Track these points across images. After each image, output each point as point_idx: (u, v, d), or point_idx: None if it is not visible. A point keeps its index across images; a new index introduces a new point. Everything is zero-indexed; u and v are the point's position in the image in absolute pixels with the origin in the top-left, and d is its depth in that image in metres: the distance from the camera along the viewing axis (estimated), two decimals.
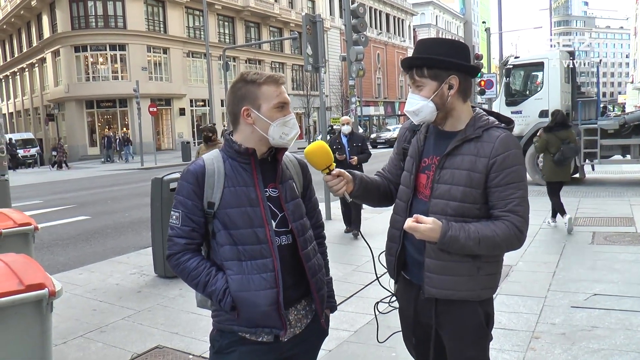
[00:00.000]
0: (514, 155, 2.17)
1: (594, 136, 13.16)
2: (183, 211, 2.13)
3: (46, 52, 41.47)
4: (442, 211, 2.19)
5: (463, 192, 2.18)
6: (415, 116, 2.27)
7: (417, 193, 2.33)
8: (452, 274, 2.22)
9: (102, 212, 12.57)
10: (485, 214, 2.21)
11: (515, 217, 2.14)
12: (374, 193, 2.46)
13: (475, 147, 2.19)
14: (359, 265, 6.66)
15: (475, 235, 2.12)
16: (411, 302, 2.41)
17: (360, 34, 11.03)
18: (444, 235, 2.10)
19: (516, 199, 2.15)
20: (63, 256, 8.33)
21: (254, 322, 2.12)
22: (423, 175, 2.31)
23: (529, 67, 14.43)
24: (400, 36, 71.74)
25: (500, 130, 2.22)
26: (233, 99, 2.17)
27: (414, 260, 2.34)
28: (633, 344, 4.20)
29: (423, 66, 2.22)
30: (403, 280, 2.46)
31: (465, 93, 2.26)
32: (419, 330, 2.43)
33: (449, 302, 2.27)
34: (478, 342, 2.33)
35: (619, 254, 6.87)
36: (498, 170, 2.14)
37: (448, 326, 2.32)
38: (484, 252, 2.19)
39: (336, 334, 4.58)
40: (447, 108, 2.22)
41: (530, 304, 5.18)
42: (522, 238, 2.17)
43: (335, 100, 53.00)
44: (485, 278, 2.26)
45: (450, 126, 2.28)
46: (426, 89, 2.21)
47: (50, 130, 43.65)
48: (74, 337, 4.77)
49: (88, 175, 25.50)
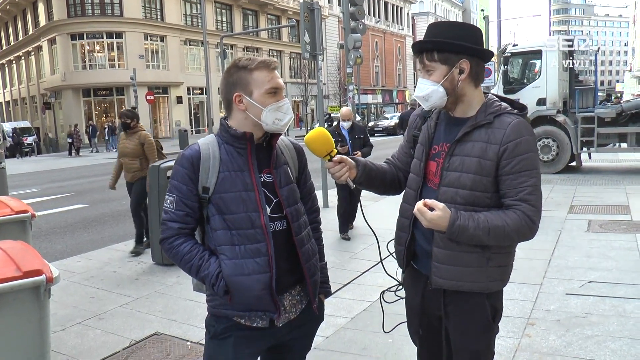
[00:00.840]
0: (527, 142, 2.09)
1: (591, 124, 13.18)
2: (177, 196, 2.13)
3: (42, 40, 41.24)
4: (451, 199, 2.12)
5: (473, 179, 2.11)
6: (425, 101, 2.21)
7: (427, 181, 2.28)
8: (460, 264, 2.16)
9: (99, 200, 12.57)
10: (496, 203, 2.13)
11: (527, 207, 2.06)
12: (380, 180, 2.40)
13: (486, 134, 2.12)
14: (355, 253, 6.69)
15: (485, 225, 2.05)
16: (419, 292, 2.36)
17: (358, 22, 10.98)
18: (452, 224, 2.04)
19: (528, 187, 2.07)
20: (61, 244, 8.35)
21: (248, 306, 2.13)
22: (433, 163, 2.25)
23: (527, 55, 14.40)
24: (399, 24, 71.43)
25: (513, 117, 2.14)
26: (226, 86, 2.17)
27: (423, 250, 2.29)
28: (626, 330, 4.24)
29: (433, 50, 2.15)
30: (411, 270, 2.41)
31: (477, 78, 2.19)
32: (426, 321, 2.39)
33: (456, 294, 2.22)
34: (483, 336, 2.28)
35: (614, 241, 6.91)
36: (509, 158, 2.07)
37: (453, 318, 2.28)
38: (494, 243, 2.12)
39: (333, 321, 4.62)
40: (457, 93, 2.16)
41: (525, 291, 5.21)
42: (534, 228, 2.10)
43: (333, 89, 52.84)
44: (494, 270, 2.19)
45: (461, 112, 2.21)
46: (436, 74, 2.15)
47: (47, 119, 43.52)
48: (72, 324, 4.80)
49: (86, 163, 25.46)
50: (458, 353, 2.33)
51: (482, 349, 2.31)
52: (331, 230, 7.75)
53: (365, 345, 4.17)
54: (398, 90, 70.21)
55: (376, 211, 6.44)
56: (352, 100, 11.51)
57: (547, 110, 13.49)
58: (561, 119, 13.43)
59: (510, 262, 2.29)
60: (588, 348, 3.96)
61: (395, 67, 70.06)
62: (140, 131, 7.13)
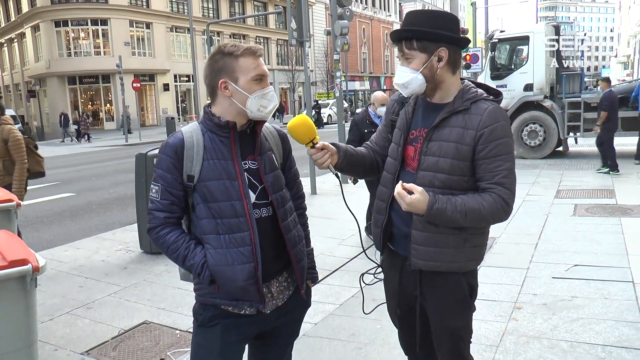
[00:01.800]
0: (502, 128, 2.17)
1: (578, 109, 13.26)
2: (162, 185, 2.13)
3: (25, 27, 40.64)
4: (429, 183, 2.18)
5: (451, 164, 2.17)
6: (405, 89, 2.26)
7: (405, 165, 2.33)
8: (438, 245, 2.22)
9: (86, 189, 12.49)
10: (472, 186, 2.21)
11: (502, 190, 2.14)
12: (360, 165, 2.45)
13: (463, 120, 2.18)
14: (343, 239, 6.71)
15: (462, 208, 2.12)
16: (396, 273, 2.43)
17: (345, 8, 10.91)
18: (430, 208, 2.10)
19: (503, 171, 2.15)
20: (48, 233, 8.29)
21: (233, 296, 2.14)
22: (411, 148, 2.31)
23: (514, 41, 14.43)
24: (386, 11, 71.19)
25: (489, 103, 2.21)
26: (211, 72, 2.15)
27: (400, 231, 2.35)
28: (610, 312, 4.30)
29: (412, 38, 2.19)
30: (388, 251, 2.47)
31: (455, 65, 2.24)
32: (404, 301, 2.45)
33: (434, 274, 2.28)
34: (461, 313, 2.35)
35: (599, 225, 6.98)
36: (485, 143, 2.14)
37: (432, 297, 2.34)
38: (471, 225, 2.19)
39: (322, 307, 4.64)
40: (436, 80, 2.21)
41: (512, 275, 5.26)
42: (508, 210, 2.18)
43: (321, 75, 52.71)
44: (470, 250, 2.27)
45: (439, 98, 2.27)
46: (415, 62, 2.20)
47: (32, 107, 43.04)
48: (60, 314, 4.78)
49: (71, 151, 25.24)
50: (437, 332, 2.39)
51: (461, 326, 2.38)
52: (319, 217, 7.76)
53: (354, 332, 4.19)
54: (386, 77, 70.06)
55: (364, 198, 6.45)
56: (339, 87, 11.47)
57: (534, 96, 13.56)
58: (548, 104, 13.50)
59: (485, 242, 2.37)
60: (574, 330, 4.02)
61: (382, 53, 69.89)
62: (4, 125, 5.51)
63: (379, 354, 3.83)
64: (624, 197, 8.55)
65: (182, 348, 4.01)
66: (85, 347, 4.11)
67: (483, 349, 3.80)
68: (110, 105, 40.23)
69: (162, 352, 3.99)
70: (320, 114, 35.28)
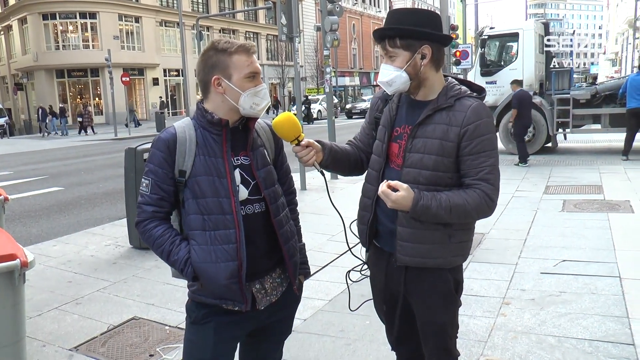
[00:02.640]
0: (486, 124, 2.19)
1: (567, 106, 13.35)
2: (153, 179, 2.12)
3: (12, 19, 40.27)
4: (414, 180, 2.20)
5: (435, 160, 2.19)
6: (389, 87, 2.26)
7: (389, 162, 2.34)
8: (424, 242, 2.24)
9: (75, 183, 12.41)
10: (457, 183, 2.22)
11: (486, 185, 2.16)
12: (344, 162, 2.46)
13: (447, 116, 2.19)
14: (333, 235, 6.71)
15: (447, 204, 2.13)
16: (382, 269, 2.44)
17: (335, 4, 10.90)
18: (415, 204, 2.11)
19: (487, 167, 2.17)
20: (36, 228, 8.23)
21: (217, 294, 2.14)
22: (395, 145, 2.32)
23: (504, 37, 14.49)
24: (376, 7, 71.12)
25: (472, 100, 2.23)
26: (204, 68, 2.14)
27: (385, 228, 2.36)
28: (597, 307, 4.34)
29: (395, 36, 2.20)
30: (374, 248, 2.48)
31: (438, 63, 2.25)
32: (390, 297, 2.46)
33: (419, 270, 2.30)
34: (447, 309, 2.36)
35: (587, 220, 7.04)
36: (470, 139, 2.16)
37: (418, 293, 2.35)
38: (456, 220, 2.21)
39: (311, 303, 4.64)
40: (420, 78, 2.22)
41: (501, 270, 5.30)
42: (492, 206, 2.20)
43: (311, 71, 52.61)
44: (456, 245, 2.29)
45: (423, 95, 2.28)
46: (399, 59, 2.20)
47: (19, 100, 42.67)
48: (48, 309, 4.76)
49: (60, 145, 25.07)
50: (423, 327, 2.41)
51: (447, 321, 2.39)
52: (309, 213, 7.76)
53: (343, 327, 4.20)
54: (375, 73, 69.73)
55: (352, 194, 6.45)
56: (329, 83, 11.46)
57: None
58: (537, 101, 13.56)
59: (470, 238, 2.38)
60: (561, 325, 4.05)
61: (372, 49, 69.77)
62: None
63: (367, 349, 3.84)
64: (611, 193, 8.62)
65: (172, 344, 3.99)
66: (74, 343, 4.09)
67: (471, 344, 3.82)
68: (99, 99, 39.94)
69: (151, 347, 3.98)
70: (310, 110, 35.28)
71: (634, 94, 11.89)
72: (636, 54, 43.25)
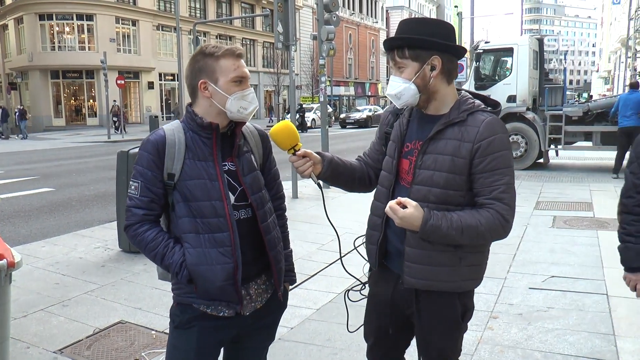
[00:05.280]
0: (500, 140, 2.07)
1: (559, 122, 13.44)
2: (142, 182, 2.11)
3: (8, 18, 40.14)
4: (424, 198, 2.10)
5: (446, 178, 2.09)
6: (397, 99, 2.17)
7: (400, 179, 2.25)
8: (432, 263, 2.14)
9: (66, 185, 12.34)
10: (469, 202, 2.12)
11: (500, 205, 2.04)
12: (347, 176, 2.38)
13: (459, 131, 2.09)
14: (323, 244, 6.71)
15: (458, 225, 2.02)
16: (388, 291, 2.33)
17: (332, 14, 10.94)
18: (425, 224, 2.01)
19: (502, 185, 2.05)
20: (25, 228, 8.18)
21: (211, 296, 2.13)
22: (405, 161, 2.22)
23: (499, 52, 14.58)
24: (373, 17, 71.51)
25: (486, 114, 2.12)
26: (191, 72, 2.15)
27: (395, 248, 2.26)
28: (584, 324, 4.36)
29: (404, 46, 2.12)
30: (381, 268, 2.37)
31: (450, 75, 2.16)
32: (397, 319, 2.36)
33: (427, 292, 2.21)
34: (451, 335, 2.29)
35: (577, 237, 7.07)
36: (483, 156, 2.05)
37: (423, 315, 2.26)
38: (467, 242, 2.10)
39: (298, 312, 4.63)
40: (429, 90, 2.13)
41: (490, 284, 5.30)
42: (507, 227, 2.07)
43: (306, 79, 52.75)
44: (467, 269, 2.18)
45: (434, 109, 2.18)
46: (407, 71, 2.12)
47: (12, 99, 42.48)
48: (34, 311, 4.72)
49: (52, 146, 24.95)
50: (424, 350, 2.35)
51: (450, 347, 2.32)
52: (300, 221, 7.75)
53: (330, 337, 4.19)
54: (371, 83, 70.39)
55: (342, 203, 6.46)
56: (324, 92, 11.49)
57: (517, 107, 13.70)
58: (530, 116, 13.66)
59: (484, 261, 2.28)
60: (548, 341, 4.06)
61: (368, 59, 70.18)
62: None
63: (353, 359, 3.84)
64: (601, 211, 8.67)
65: (158, 349, 3.97)
66: (58, 346, 4.06)
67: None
68: (94, 101, 39.82)
69: (137, 352, 3.95)
70: (304, 118, 35.32)
71: (626, 112, 12.02)
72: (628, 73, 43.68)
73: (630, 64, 45.68)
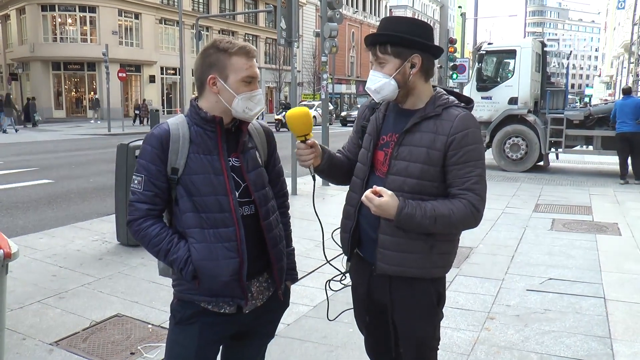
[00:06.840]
0: (473, 134, 2.17)
1: (560, 126, 13.43)
2: (146, 176, 2.07)
3: (10, 8, 40.12)
4: (399, 188, 2.17)
5: (421, 169, 2.17)
6: (377, 94, 2.25)
7: (375, 170, 2.32)
8: (404, 250, 2.21)
9: (65, 177, 12.33)
10: (442, 192, 2.20)
11: (472, 196, 2.14)
12: (339, 171, 2.47)
13: (434, 125, 2.18)
14: (321, 241, 6.68)
15: (432, 214, 2.11)
16: (365, 279, 2.41)
17: (336, 11, 10.93)
18: (400, 212, 2.09)
19: (474, 177, 2.15)
20: (23, 219, 8.17)
21: (215, 291, 2.11)
22: (381, 153, 2.30)
23: (501, 54, 14.57)
24: (376, 16, 71.43)
25: (460, 109, 2.22)
26: (202, 65, 2.12)
27: (368, 237, 2.33)
28: (581, 327, 4.36)
29: (387, 43, 2.19)
30: (356, 257, 2.45)
31: (427, 73, 2.25)
32: (373, 307, 2.44)
33: (402, 280, 2.27)
34: (428, 320, 2.35)
35: (575, 240, 7.07)
36: (456, 148, 2.14)
37: (399, 304, 2.33)
38: (440, 231, 2.18)
39: (296, 309, 4.62)
40: (408, 86, 2.21)
41: (487, 285, 5.30)
42: (478, 217, 2.17)
43: (308, 76, 52.74)
44: (438, 257, 2.26)
45: (411, 104, 2.27)
46: (388, 66, 2.20)
47: (13, 90, 42.41)
48: (31, 302, 4.71)
49: (53, 138, 24.92)
50: (404, 339, 2.39)
51: (428, 334, 2.38)
52: (298, 218, 7.74)
53: (326, 334, 4.19)
54: None
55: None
56: (325, 89, 11.48)
57: (518, 110, 13.69)
58: (531, 119, 13.64)
59: (454, 250, 2.35)
60: (544, 343, 4.06)
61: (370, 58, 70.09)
62: None
63: (349, 357, 3.83)
64: (600, 215, 8.67)
65: (154, 343, 3.96)
66: (54, 338, 4.05)
67: (454, 357, 3.81)
68: (94, 94, 39.80)
69: (133, 345, 3.94)
70: None
71: (622, 118, 12.04)
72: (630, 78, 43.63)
73: (632, 70, 45.65)
